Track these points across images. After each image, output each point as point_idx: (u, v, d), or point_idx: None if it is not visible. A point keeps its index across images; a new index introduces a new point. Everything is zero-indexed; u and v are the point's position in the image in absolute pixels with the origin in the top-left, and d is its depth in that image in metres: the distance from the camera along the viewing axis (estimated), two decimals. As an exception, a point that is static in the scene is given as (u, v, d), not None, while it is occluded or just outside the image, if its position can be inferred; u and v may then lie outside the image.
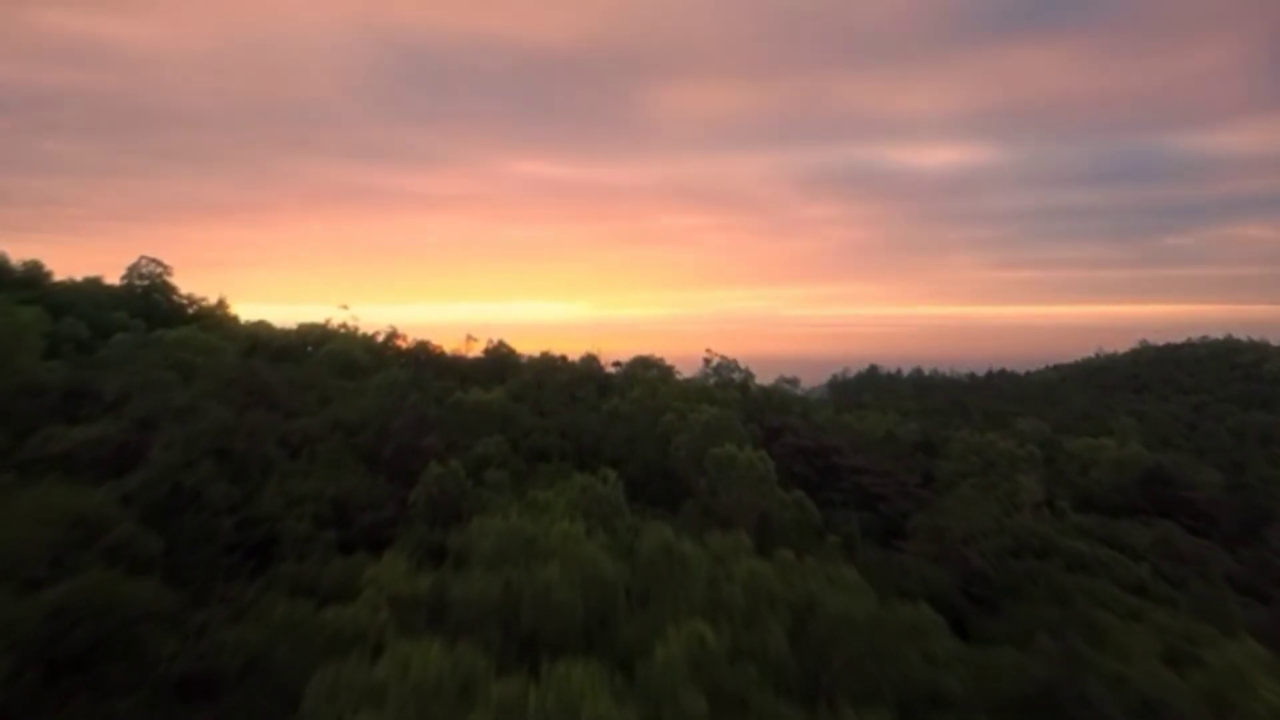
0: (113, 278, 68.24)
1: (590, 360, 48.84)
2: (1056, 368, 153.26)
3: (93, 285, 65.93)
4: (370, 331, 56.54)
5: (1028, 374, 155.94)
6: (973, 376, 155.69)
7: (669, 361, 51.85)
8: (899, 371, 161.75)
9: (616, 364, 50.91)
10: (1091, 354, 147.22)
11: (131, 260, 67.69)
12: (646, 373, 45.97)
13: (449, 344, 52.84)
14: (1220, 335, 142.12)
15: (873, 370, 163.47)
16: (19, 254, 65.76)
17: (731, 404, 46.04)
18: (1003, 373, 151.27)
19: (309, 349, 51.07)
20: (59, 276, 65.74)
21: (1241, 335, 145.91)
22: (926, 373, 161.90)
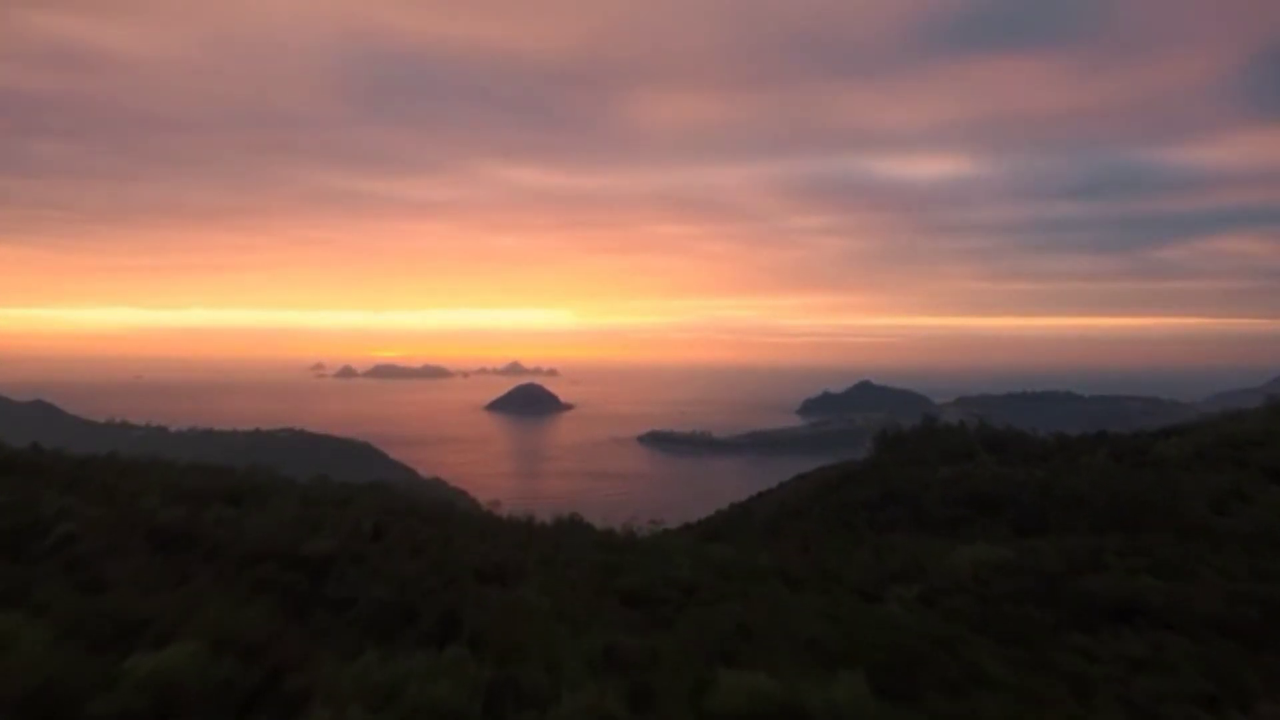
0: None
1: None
2: (1180, 434, 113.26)
3: None
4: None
5: (1137, 437, 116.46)
6: (1064, 439, 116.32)
7: None
8: (960, 423, 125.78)
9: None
10: (1215, 409, 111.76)
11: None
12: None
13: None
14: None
15: (929, 424, 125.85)
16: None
17: None
18: (1103, 435, 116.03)
19: None
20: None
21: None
22: (993, 423, 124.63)
